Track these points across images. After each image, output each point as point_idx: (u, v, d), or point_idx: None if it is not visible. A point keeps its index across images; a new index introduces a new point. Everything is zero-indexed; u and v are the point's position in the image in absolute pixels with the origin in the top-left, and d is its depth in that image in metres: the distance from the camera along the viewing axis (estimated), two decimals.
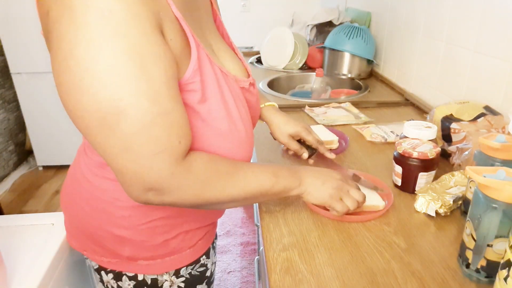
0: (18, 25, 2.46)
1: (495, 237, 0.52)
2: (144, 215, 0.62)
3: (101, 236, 0.65)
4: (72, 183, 0.67)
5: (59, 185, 2.67)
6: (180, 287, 0.70)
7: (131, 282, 0.68)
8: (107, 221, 0.63)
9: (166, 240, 0.65)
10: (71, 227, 0.71)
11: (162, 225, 0.63)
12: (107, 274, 0.69)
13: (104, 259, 0.67)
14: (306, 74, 1.76)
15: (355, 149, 0.99)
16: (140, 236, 0.63)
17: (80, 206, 0.65)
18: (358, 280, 0.57)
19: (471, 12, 1.01)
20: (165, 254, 0.66)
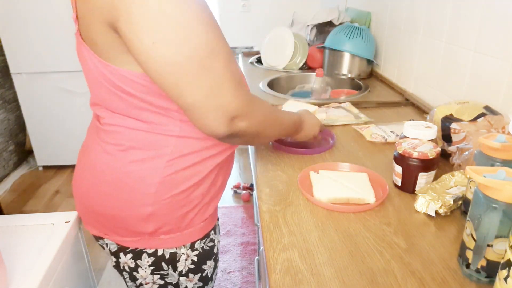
0: (18, 25, 2.46)
1: (495, 237, 0.52)
2: (168, 189, 0.67)
3: (125, 216, 0.68)
4: (90, 171, 0.70)
5: (59, 185, 2.67)
6: (194, 261, 0.75)
7: (150, 258, 0.72)
8: (132, 201, 0.67)
9: (186, 213, 0.70)
10: (90, 214, 0.73)
11: (183, 198, 0.69)
12: (126, 255, 0.73)
13: (126, 239, 0.71)
14: (306, 74, 1.76)
15: (355, 149, 0.99)
16: (163, 210, 0.68)
17: (102, 191, 0.68)
18: (358, 280, 0.57)
19: (471, 12, 1.01)
20: (183, 227, 0.71)
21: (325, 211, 0.73)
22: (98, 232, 0.74)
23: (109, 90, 0.62)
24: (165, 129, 0.65)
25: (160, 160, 0.65)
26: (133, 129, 0.65)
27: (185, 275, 0.76)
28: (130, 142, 0.65)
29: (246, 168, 2.85)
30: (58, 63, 2.56)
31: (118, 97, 0.63)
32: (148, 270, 0.73)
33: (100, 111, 0.67)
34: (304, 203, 0.76)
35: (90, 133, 0.72)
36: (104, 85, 0.62)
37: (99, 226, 0.73)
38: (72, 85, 2.62)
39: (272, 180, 0.85)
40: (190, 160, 0.67)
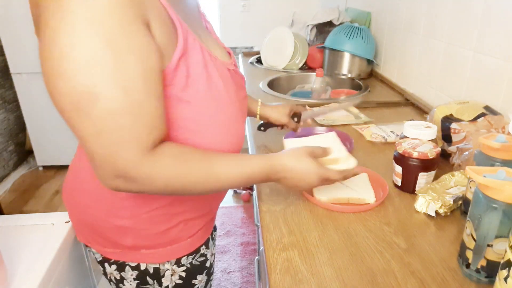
0: (18, 25, 2.46)
1: (495, 237, 0.52)
2: (144, 204, 0.64)
3: (103, 227, 0.66)
4: (74, 178, 0.69)
5: (59, 185, 2.67)
6: (181, 276, 0.72)
7: (133, 272, 0.70)
8: (109, 212, 0.65)
9: (167, 229, 0.67)
10: (75, 221, 0.73)
11: (163, 214, 0.65)
12: (110, 266, 0.71)
13: (108, 250, 0.69)
14: (306, 74, 1.76)
15: (355, 149, 0.99)
16: (141, 225, 0.65)
17: (82, 199, 0.67)
18: (358, 280, 0.57)
19: (471, 12, 1.01)
20: (166, 243, 0.68)
21: (325, 211, 0.73)
22: (83, 239, 0.74)
23: None
24: None
25: None
26: None
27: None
28: None
29: None
30: None
31: None
32: (134, 283, 0.71)
33: None
34: (304, 203, 0.76)
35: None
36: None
37: (84, 233, 0.72)
38: None
39: None
40: None
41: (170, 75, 0.55)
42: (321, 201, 0.74)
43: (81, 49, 0.46)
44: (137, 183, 0.53)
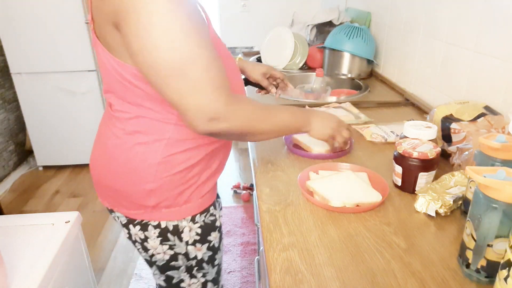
0: (18, 25, 2.46)
1: (495, 237, 0.52)
2: (166, 169, 0.74)
3: (131, 191, 0.76)
4: (103, 152, 0.79)
5: (59, 185, 2.68)
6: (198, 233, 0.82)
7: (156, 230, 0.79)
8: (138, 178, 0.75)
9: (183, 190, 0.77)
10: (102, 189, 0.82)
11: (180, 177, 0.76)
12: (134, 227, 0.80)
13: (132, 212, 0.79)
14: (306, 74, 1.76)
15: (355, 149, 0.99)
16: (162, 187, 0.75)
17: (112, 169, 0.77)
18: (358, 280, 0.57)
19: (471, 12, 1.01)
20: (181, 202, 0.78)
21: (325, 211, 0.73)
22: (109, 205, 0.83)
23: (118, 81, 0.70)
24: (164, 117, 0.72)
25: (159, 144, 0.73)
26: (138, 116, 0.73)
27: (193, 244, 0.82)
28: (135, 127, 0.73)
29: (246, 168, 2.85)
30: (58, 63, 2.56)
31: (126, 88, 0.70)
32: (157, 241, 0.80)
33: (111, 98, 0.76)
34: (304, 203, 0.76)
35: (104, 118, 0.81)
36: (114, 76, 0.70)
37: (109, 199, 0.82)
38: (72, 85, 2.62)
39: (272, 180, 0.85)
40: (185, 145, 0.75)
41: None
42: (321, 201, 0.74)
43: (175, 25, 0.59)
44: (226, 121, 0.66)
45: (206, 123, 0.65)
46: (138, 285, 1.80)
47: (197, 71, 0.62)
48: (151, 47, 0.60)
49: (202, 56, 0.62)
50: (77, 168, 2.89)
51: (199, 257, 0.84)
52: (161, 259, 0.83)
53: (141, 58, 0.62)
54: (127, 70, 0.68)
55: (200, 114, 0.64)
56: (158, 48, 0.60)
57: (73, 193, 2.58)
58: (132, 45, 0.62)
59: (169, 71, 0.61)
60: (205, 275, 0.87)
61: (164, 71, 0.61)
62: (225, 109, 0.65)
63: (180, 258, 0.83)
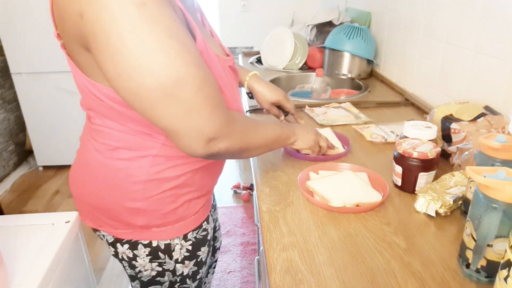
0: (18, 25, 2.46)
1: (495, 237, 0.52)
2: (155, 187, 0.70)
3: (116, 210, 0.72)
4: (84, 167, 0.73)
5: (59, 185, 2.67)
6: (188, 249, 0.79)
7: (146, 249, 0.76)
8: (121, 196, 0.70)
9: (175, 209, 0.73)
10: (85, 207, 0.77)
11: (170, 195, 0.72)
12: (122, 246, 0.76)
13: (120, 231, 0.75)
14: (306, 74, 1.76)
15: (355, 149, 0.99)
16: (152, 206, 0.71)
17: (95, 186, 0.72)
18: (358, 280, 0.57)
19: (471, 12, 1.01)
20: (174, 221, 0.74)
21: (325, 211, 0.73)
22: (93, 224, 0.78)
23: (94, 100, 0.65)
24: (151, 135, 0.68)
25: (145, 160, 0.68)
26: (120, 131, 0.67)
27: (181, 262, 0.80)
28: (118, 143, 0.68)
29: (246, 168, 2.85)
30: (58, 63, 2.56)
31: (103, 106, 0.65)
32: (147, 259, 0.77)
33: (89, 112, 0.70)
34: (304, 203, 0.76)
35: (85, 131, 0.75)
36: (89, 94, 0.65)
37: (94, 218, 0.76)
38: (72, 85, 2.62)
39: (272, 180, 0.85)
40: (174, 161, 0.70)
41: None
42: (321, 202, 0.74)
43: (153, 45, 0.52)
44: (225, 140, 0.62)
45: (205, 145, 0.60)
46: None
47: (189, 92, 0.55)
48: (130, 73, 0.53)
49: (191, 75, 0.55)
50: None
51: (185, 273, 0.82)
52: (148, 275, 0.80)
53: (121, 85, 0.55)
54: (101, 91, 0.62)
55: (197, 137, 0.58)
56: (139, 74, 0.53)
57: None
58: (107, 71, 0.54)
59: (155, 97, 0.54)
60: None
61: (149, 98, 0.55)
62: (223, 127, 0.60)
63: (167, 274, 0.80)
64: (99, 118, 0.68)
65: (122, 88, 0.55)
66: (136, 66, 0.52)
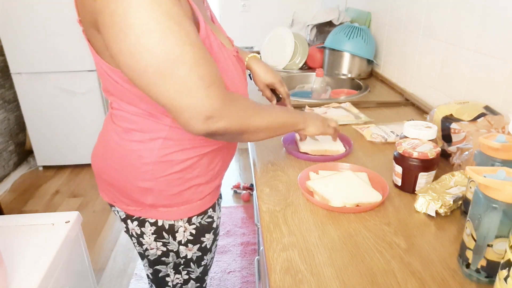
0: (18, 25, 2.46)
1: (495, 237, 0.52)
2: (163, 169, 0.74)
3: (128, 188, 0.77)
4: (103, 147, 0.79)
5: (59, 185, 2.68)
6: (192, 233, 0.83)
7: (152, 227, 0.80)
8: (133, 175, 0.75)
9: (181, 191, 0.77)
10: (103, 184, 0.83)
11: (178, 178, 0.75)
12: (132, 222, 0.81)
13: (130, 208, 0.80)
14: (306, 74, 1.76)
15: (355, 149, 0.99)
16: (160, 186, 0.75)
17: (111, 165, 0.77)
18: (358, 280, 0.57)
19: (471, 12, 1.01)
20: (180, 203, 0.78)
21: (325, 211, 0.73)
22: (109, 200, 0.84)
23: (111, 83, 0.70)
24: (159, 118, 0.72)
25: (155, 142, 0.73)
26: (134, 114, 0.73)
27: (185, 245, 0.83)
28: (131, 125, 0.73)
29: (246, 168, 2.85)
30: (58, 63, 2.56)
31: (119, 89, 0.70)
32: (152, 237, 0.81)
33: (109, 97, 0.76)
34: (304, 203, 0.76)
35: (107, 115, 0.82)
36: (106, 78, 0.70)
37: (109, 194, 0.82)
38: (72, 85, 2.62)
39: (272, 180, 0.85)
40: (182, 145, 0.74)
41: None
42: (321, 202, 0.74)
43: (153, 24, 0.56)
44: (223, 119, 0.63)
45: (203, 122, 0.62)
46: (138, 285, 1.80)
47: (183, 70, 0.58)
48: (131, 50, 0.57)
49: (187, 54, 0.58)
50: (77, 168, 2.89)
51: (189, 256, 0.85)
52: (154, 254, 0.84)
53: (123, 62, 0.59)
54: (115, 72, 0.67)
55: (195, 114, 0.61)
56: (138, 50, 0.57)
57: (73, 193, 2.58)
58: (111, 48, 0.59)
59: (154, 74, 0.58)
60: (189, 273, 0.89)
61: (148, 74, 0.59)
62: (221, 106, 0.62)
63: (171, 255, 0.84)
64: (116, 102, 0.74)
65: (124, 65, 0.60)
66: (135, 44, 0.56)
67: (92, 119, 2.69)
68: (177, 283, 0.89)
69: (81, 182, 2.70)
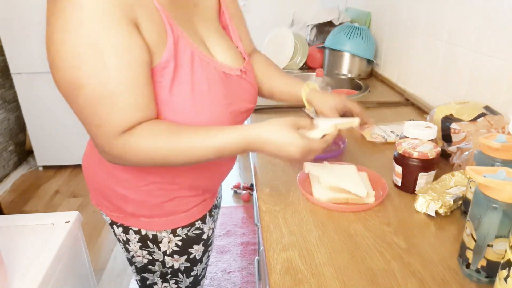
0: (18, 25, 2.46)
1: (495, 237, 0.52)
2: (141, 178, 0.72)
3: (109, 194, 0.76)
4: (90, 149, 0.79)
5: (59, 185, 2.67)
6: (178, 245, 0.80)
7: (136, 235, 0.79)
8: (113, 182, 0.74)
9: (162, 203, 0.74)
10: (91, 187, 0.82)
11: (159, 189, 0.73)
12: (117, 228, 0.80)
13: (114, 214, 0.79)
14: (306, 74, 1.76)
15: (355, 149, 0.99)
16: (139, 196, 0.73)
17: (95, 170, 0.78)
18: (358, 280, 0.57)
19: (471, 12, 1.01)
20: (161, 214, 0.76)
21: (325, 211, 0.73)
22: (95, 204, 0.83)
23: None
24: None
25: None
26: None
27: (170, 256, 0.81)
28: None
29: (246, 168, 2.85)
30: None
31: None
32: (137, 246, 0.80)
33: None
34: (304, 203, 0.76)
35: None
36: None
37: (96, 199, 0.82)
38: None
39: (272, 180, 0.85)
40: None
41: (158, 73, 0.62)
42: (321, 201, 0.74)
43: (69, 46, 0.54)
44: (117, 159, 0.62)
45: (101, 152, 0.63)
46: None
47: (82, 100, 0.57)
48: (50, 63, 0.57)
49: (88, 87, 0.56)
50: (77, 168, 2.89)
51: (176, 266, 0.83)
52: (140, 261, 0.83)
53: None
54: None
55: (95, 141, 0.62)
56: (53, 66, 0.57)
57: (73, 193, 2.58)
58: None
59: (64, 93, 0.59)
60: (178, 283, 0.86)
61: (62, 91, 0.59)
62: (111, 148, 0.60)
63: (157, 264, 0.82)
64: None
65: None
66: (51, 60, 0.57)
67: None
68: None
69: (81, 182, 2.70)
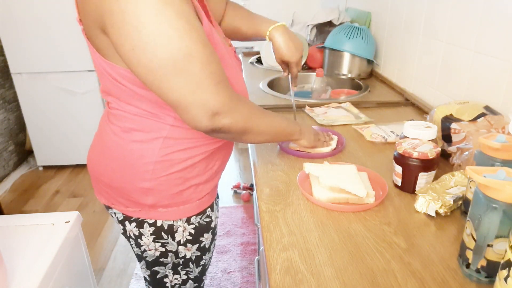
0: (18, 25, 2.46)
1: (495, 237, 0.52)
2: (164, 168, 0.75)
3: (128, 189, 0.77)
4: (101, 148, 0.79)
5: (59, 185, 2.67)
6: (191, 233, 0.83)
7: (151, 228, 0.80)
8: (134, 175, 0.75)
9: (181, 191, 0.77)
10: (100, 185, 0.82)
11: (178, 178, 0.76)
12: (130, 224, 0.81)
13: (129, 209, 0.80)
14: (306, 74, 1.76)
15: (355, 149, 0.99)
16: (160, 186, 0.76)
17: (109, 166, 0.77)
18: (358, 280, 0.57)
19: (471, 12, 1.01)
20: (179, 203, 0.79)
21: (325, 211, 0.73)
22: (106, 202, 0.83)
23: (111, 82, 0.70)
24: (160, 117, 0.72)
25: (156, 142, 0.73)
26: (134, 114, 0.73)
27: (183, 245, 0.84)
28: (132, 125, 0.74)
29: (246, 168, 2.85)
30: (58, 63, 2.56)
31: (119, 88, 0.70)
32: (150, 238, 0.82)
33: (108, 97, 0.76)
34: (304, 203, 0.76)
35: (103, 116, 0.82)
36: (107, 77, 0.70)
37: (107, 196, 0.82)
38: (72, 85, 2.62)
39: (272, 180, 0.85)
40: (183, 144, 0.75)
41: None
42: (321, 201, 0.74)
43: (165, 23, 0.58)
44: (229, 116, 0.65)
45: (209, 119, 0.64)
46: (138, 285, 1.80)
47: (196, 66, 0.60)
48: (144, 47, 0.58)
49: (199, 52, 0.61)
50: (77, 168, 2.89)
51: (188, 256, 0.86)
52: (152, 255, 0.84)
53: (135, 59, 0.60)
54: (118, 72, 0.67)
55: (202, 109, 0.63)
56: (152, 47, 0.58)
57: (73, 193, 2.58)
58: (122, 46, 0.60)
59: (166, 69, 0.60)
60: (188, 273, 0.89)
61: (161, 70, 0.60)
62: (228, 103, 0.64)
63: (170, 255, 0.84)
64: (116, 102, 0.74)
65: (135, 63, 0.61)
66: (149, 41, 0.58)
67: (92, 119, 2.69)
68: (175, 284, 0.89)
69: (81, 182, 2.70)
